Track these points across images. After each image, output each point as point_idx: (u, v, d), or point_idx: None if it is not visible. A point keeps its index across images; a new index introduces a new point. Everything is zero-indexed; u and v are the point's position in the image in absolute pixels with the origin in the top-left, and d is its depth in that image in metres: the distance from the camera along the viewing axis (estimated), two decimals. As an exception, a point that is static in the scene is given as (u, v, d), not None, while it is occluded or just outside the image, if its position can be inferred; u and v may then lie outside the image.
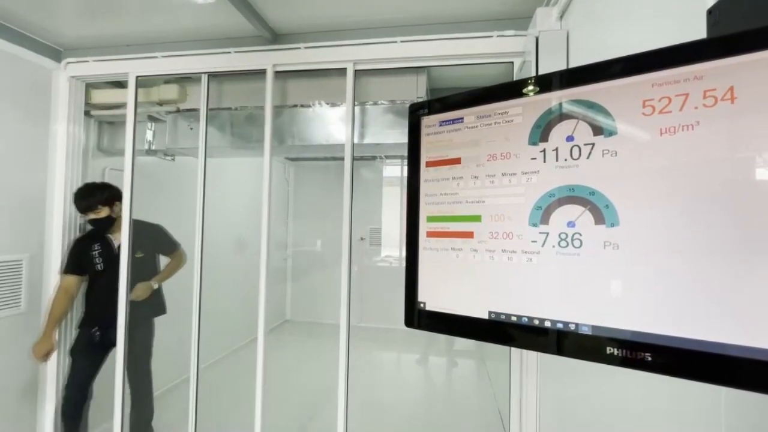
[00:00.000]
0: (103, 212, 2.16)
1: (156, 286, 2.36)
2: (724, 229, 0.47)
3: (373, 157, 5.05)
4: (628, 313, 0.54)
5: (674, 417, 0.75)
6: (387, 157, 5.03)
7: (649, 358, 0.51)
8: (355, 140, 2.04)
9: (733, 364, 0.46)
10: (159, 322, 3.09)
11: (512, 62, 1.84)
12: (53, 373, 2.21)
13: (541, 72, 1.47)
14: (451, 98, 0.72)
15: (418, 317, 0.76)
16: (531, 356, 1.61)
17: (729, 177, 0.46)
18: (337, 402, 1.96)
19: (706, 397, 0.64)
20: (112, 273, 2.16)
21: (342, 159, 1.99)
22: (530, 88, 0.63)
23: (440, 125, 0.73)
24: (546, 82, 0.62)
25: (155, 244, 2.40)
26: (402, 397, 3.29)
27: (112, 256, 2.19)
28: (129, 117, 2.19)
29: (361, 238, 5.16)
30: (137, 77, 2.19)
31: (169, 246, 2.46)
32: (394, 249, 5.13)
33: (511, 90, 0.65)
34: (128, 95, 2.20)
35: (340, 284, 1.98)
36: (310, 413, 2.90)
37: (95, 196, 2.14)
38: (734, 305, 0.46)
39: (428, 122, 0.75)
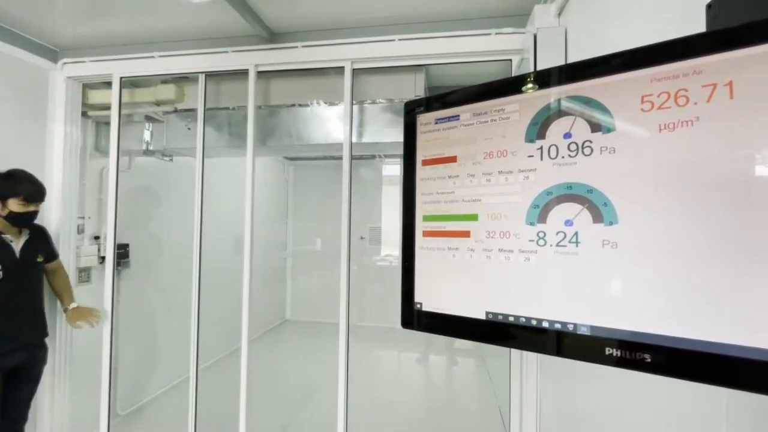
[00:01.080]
0: (38, 207, 1.88)
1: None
2: (725, 227, 0.46)
3: (373, 156, 5.04)
4: (628, 313, 0.53)
5: (675, 416, 0.74)
6: (386, 156, 5.02)
7: (649, 359, 0.50)
8: (354, 139, 2.03)
9: (733, 364, 0.45)
10: (161, 321, 3.09)
11: (510, 60, 1.83)
12: (51, 371, 2.20)
13: (541, 69, 1.46)
14: (446, 96, 0.71)
15: (414, 318, 0.75)
16: (531, 355, 1.61)
17: (730, 174, 0.45)
18: (337, 401, 1.95)
19: (708, 397, 0.63)
20: (15, 281, 1.80)
21: (341, 158, 1.98)
22: (526, 84, 0.62)
23: (436, 123, 0.72)
24: (542, 79, 0.61)
25: (50, 247, 2.05)
26: (402, 396, 3.28)
27: (13, 261, 1.81)
28: (113, 119, 2.19)
29: (361, 237, 5.16)
30: (122, 78, 2.20)
31: (56, 253, 2.09)
32: (393, 248, 5.12)
33: (507, 87, 0.64)
34: (112, 96, 2.19)
35: (340, 283, 1.97)
36: (311, 413, 2.89)
37: None
38: (735, 305, 0.45)
39: (424, 120, 0.74)
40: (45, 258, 1.98)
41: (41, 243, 1.98)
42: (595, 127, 0.56)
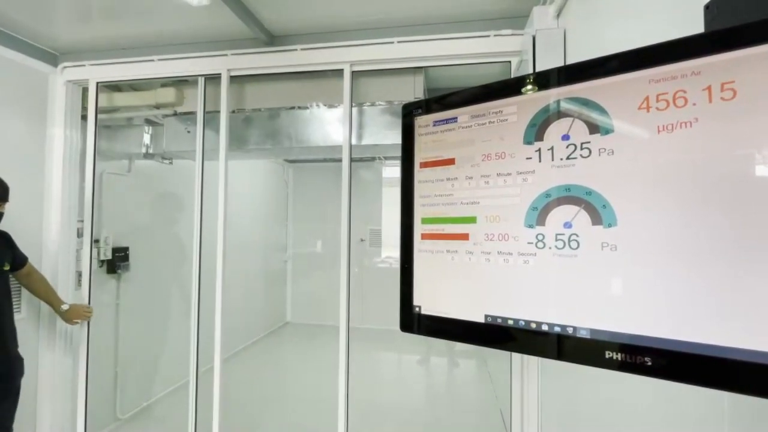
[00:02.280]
0: (3, 208, 1.76)
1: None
2: (725, 228, 0.45)
3: (372, 158, 5.04)
4: (628, 316, 0.53)
5: (677, 416, 0.74)
6: (386, 157, 5.02)
7: (649, 362, 0.50)
8: (353, 141, 2.03)
9: (735, 368, 0.45)
10: (161, 323, 3.08)
11: (509, 61, 1.83)
12: (51, 375, 2.20)
13: (538, 71, 1.46)
14: (444, 98, 0.71)
15: (413, 322, 0.74)
16: (532, 357, 1.60)
17: (729, 175, 0.45)
18: (337, 403, 1.94)
19: (709, 397, 0.63)
20: None
21: (341, 160, 1.98)
22: (523, 86, 0.61)
23: (434, 125, 0.72)
24: (540, 80, 0.61)
25: (15, 254, 1.90)
26: (403, 398, 3.27)
27: None
28: (90, 124, 2.21)
29: (361, 240, 5.15)
30: (98, 83, 2.22)
31: (23, 257, 1.95)
32: (394, 250, 5.11)
33: (504, 89, 0.64)
34: (89, 101, 2.21)
35: (340, 286, 1.97)
36: (311, 415, 2.88)
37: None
38: (736, 307, 0.45)
39: (421, 122, 0.74)
40: (12, 265, 1.87)
41: (5, 249, 1.85)
42: (594, 128, 0.55)
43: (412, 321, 0.74)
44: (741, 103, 0.44)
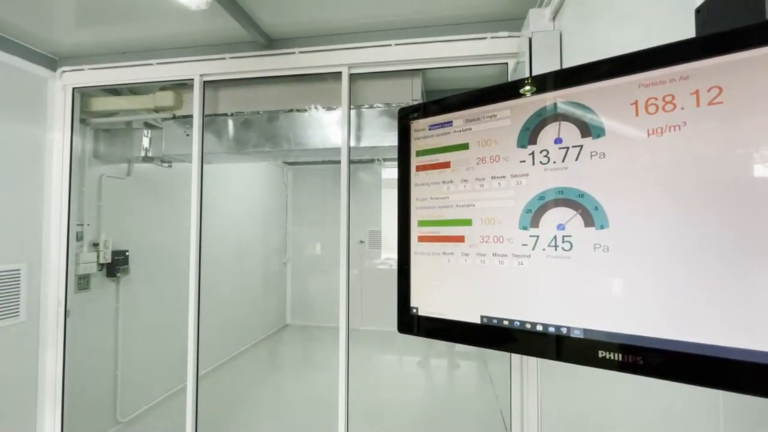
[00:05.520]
0: None
1: None
2: (714, 229, 0.46)
3: (372, 160, 5.05)
4: (620, 316, 0.53)
5: (675, 416, 0.74)
6: (385, 159, 5.02)
7: (641, 362, 0.51)
8: (352, 143, 2.04)
9: (728, 367, 0.45)
10: (160, 327, 3.08)
11: (506, 63, 1.84)
12: (52, 378, 2.20)
13: (534, 72, 1.47)
14: (439, 102, 0.72)
15: (411, 323, 0.75)
16: (531, 358, 1.61)
17: (717, 176, 0.46)
18: (338, 405, 1.95)
19: (706, 397, 0.63)
20: None
21: (340, 162, 1.99)
22: (516, 91, 0.62)
23: (430, 129, 0.73)
24: (532, 85, 0.62)
25: None
26: (404, 400, 3.27)
27: None
28: (66, 129, 2.24)
29: (361, 241, 5.15)
30: (74, 88, 2.28)
31: None
32: (393, 251, 5.10)
33: (497, 93, 0.65)
34: (65, 105, 2.24)
35: (339, 287, 1.98)
36: (312, 417, 2.89)
37: None
38: (724, 307, 0.45)
39: (418, 126, 0.75)
40: None
41: None
42: (585, 132, 0.56)
43: (410, 322, 0.75)
44: (727, 106, 0.45)
